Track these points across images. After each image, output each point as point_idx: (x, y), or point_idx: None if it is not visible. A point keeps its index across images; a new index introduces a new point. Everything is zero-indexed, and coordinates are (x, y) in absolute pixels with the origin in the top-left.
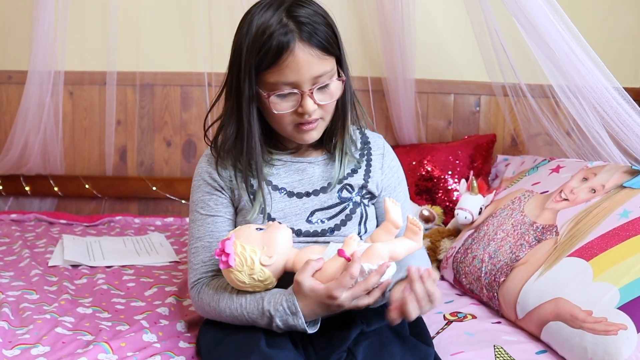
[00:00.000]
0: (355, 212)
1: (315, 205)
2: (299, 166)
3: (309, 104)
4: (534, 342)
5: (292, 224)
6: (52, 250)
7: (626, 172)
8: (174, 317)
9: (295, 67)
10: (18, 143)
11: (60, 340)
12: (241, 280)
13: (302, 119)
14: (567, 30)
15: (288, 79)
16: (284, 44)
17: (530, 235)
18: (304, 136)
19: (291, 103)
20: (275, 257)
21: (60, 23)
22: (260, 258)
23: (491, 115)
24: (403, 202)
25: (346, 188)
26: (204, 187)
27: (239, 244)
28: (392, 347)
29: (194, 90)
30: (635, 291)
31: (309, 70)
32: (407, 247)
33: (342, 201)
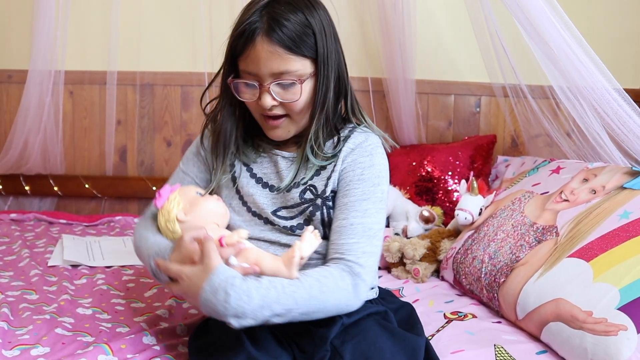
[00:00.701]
0: (315, 214)
1: (281, 202)
2: (276, 159)
3: (265, 98)
4: (535, 342)
5: (260, 212)
6: (51, 250)
7: (626, 173)
8: (173, 320)
9: (255, 59)
10: (18, 142)
11: (60, 341)
12: (159, 222)
13: (264, 111)
14: (568, 31)
15: (249, 69)
16: (248, 34)
17: (530, 236)
18: (270, 132)
19: (254, 92)
20: (190, 218)
21: (60, 22)
22: (178, 212)
23: (491, 116)
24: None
25: (310, 189)
26: (193, 147)
27: (176, 194)
28: (380, 342)
29: (194, 90)
30: (635, 292)
31: (267, 65)
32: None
33: (303, 202)
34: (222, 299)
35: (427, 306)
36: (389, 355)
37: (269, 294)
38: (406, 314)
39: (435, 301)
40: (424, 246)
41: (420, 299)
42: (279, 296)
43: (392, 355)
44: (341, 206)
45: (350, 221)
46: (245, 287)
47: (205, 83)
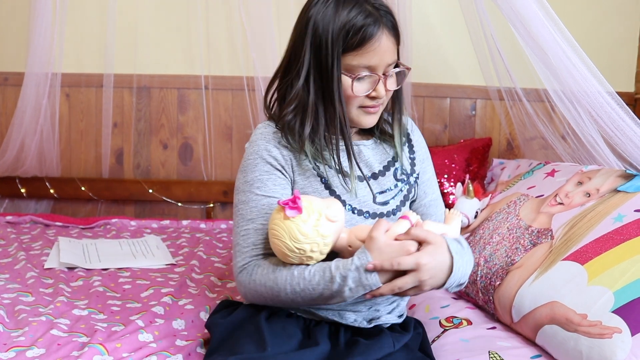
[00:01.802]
0: (412, 192)
1: (376, 188)
2: (355, 149)
3: (382, 88)
4: (529, 347)
5: (362, 205)
6: (47, 252)
7: (620, 176)
8: (169, 316)
9: (379, 51)
10: (14, 145)
11: (55, 342)
12: (304, 232)
13: (371, 102)
14: (562, 35)
15: (370, 63)
16: (373, 30)
17: (525, 239)
18: (367, 119)
19: (366, 86)
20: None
21: (57, 25)
22: (327, 213)
23: (487, 119)
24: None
25: (401, 169)
26: (262, 165)
27: (305, 199)
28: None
29: (190, 93)
30: (629, 295)
31: (388, 56)
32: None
33: (398, 182)
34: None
35: (423, 311)
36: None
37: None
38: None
39: (431, 306)
40: None
41: (416, 303)
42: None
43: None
44: (426, 182)
45: (437, 193)
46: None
47: (202, 86)
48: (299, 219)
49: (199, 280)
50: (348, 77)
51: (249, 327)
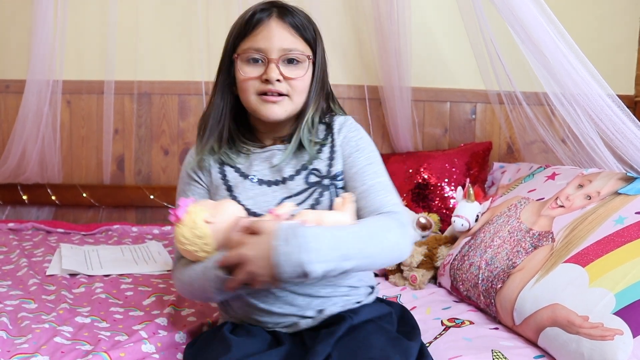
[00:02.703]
0: (324, 195)
1: (284, 193)
2: (267, 155)
3: (273, 70)
4: (532, 348)
5: (262, 211)
6: (49, 259)
7: (621, 179)
8: (172, 328)
9: (267, 34)
10: (16, 152)
11: (59, 349)
12: (183, 235)
13: (266, 86)
14: (562, 39)
15: (258, 45)
16: (261, 16)
17: (526, 242)
18: (267, 108)
19: (258, 69)
20: (218, 220)
21: (58, 32)
22: (205, 215)
23: (487, 123)
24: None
25: (313, 173)
26: (185, 178)
27: (192, 204)
28: (372, 339)
29: (191, 99)
30: (630, 297)
31: (279, 40)
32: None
33: (309, 186)
34: (297, 245)
35: (424, 313)
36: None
37: (337, 233)
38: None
39: (432, 308)
40: (421, 253)
41: (417, 306)
42: (347, 235)
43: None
44: (353, 176)
45: (369, 184)
46: (312, 230)
47: (202, 92)
48: (179, 225)
49: None
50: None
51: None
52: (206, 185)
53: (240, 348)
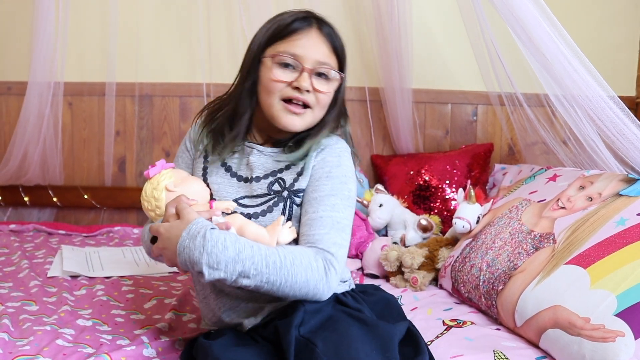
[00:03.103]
0: (278, 205)
1: (246, 191)
2: (249, 151)
3: (306, 79)
4: (534, 349)
5: (222, 199)
6: (51, 260)
7: (622, 181)
8: (173, 333)
9: (306, 43)
10: (17, 153)
11: (61, 352)
12: (145, 190)
13: (293, 93)
14: (563, 40)
15: (295, 51)
16: (302, 24)
17: (527, 244)
18: (289, 118)
19: (289, 74)
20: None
21: (60, 34)
22: (168, 183)
23: (488, 125)
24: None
25: (278, 182)
26: (182, 146)
27: (170, 169)
28: (351, 332)
29: (192, 101)
30: (632, 298)
31: (317, 51)
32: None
33: (269, 193)
34: (200, 244)
35: (425, 314)
36: (360, 344)
37: (244, 250)
38: (383, 304)
39: (433, 309)
40: (422, 255)
41: (418, 307)
42: (253, 255)
43: (362, 345)
44: (310, 200)
45: (320, 214)
46: (222, 237)
47: (203, 94)
48: (148, 181)
49: None
50: (270, 61)
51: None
52: (192, 158)
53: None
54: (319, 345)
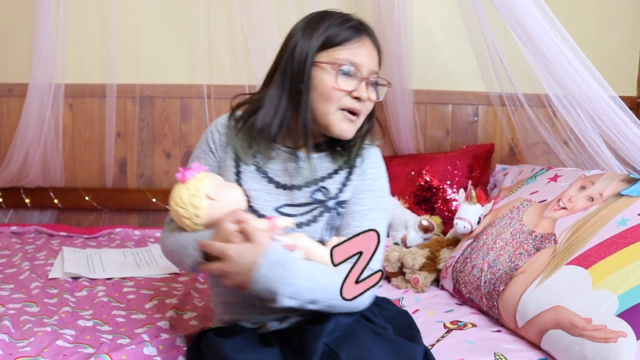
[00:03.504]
0: (323, 216)
1: (287, 199)
2: (288, 157)
3: (364, 89)
4: (535, 351)
5: (259, 207)
6: (52, 262)
7: (623, 181)
8: (174, 331)
9: (365, 51)
10: (18, 155)
11: (61, 352)
12: (181, 196)
13: (353, 103)
14: (564, 40)
15: (355, 60)
16: (358, 30)
17: (529, 244)
18: (347, 126)
19: (350, 83)
20: (220, 200)
21: (60, 36)
22: (209, 190)
23: (489, 125)
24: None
25: (321, 190)
26: (203, 145)
27: (204, 173)
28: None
29: (193, 102)
30: (634, 298)
31: (372, 61)
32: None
33: (313, 202)
34: (280, 275)
35: (427, 316)
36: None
37: (318, 279)
38: (404, 321)
39: (435, 311)
40: (424, 255)
41: (420, 308)
42: (326, 284)
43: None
44: (353, 214)
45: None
46: (300, 267)
47: (204, 95)
48: (182, 185)
49: (203, 291)
50: (332, 70)
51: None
52: (218, 161)
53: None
54: (343, 357)
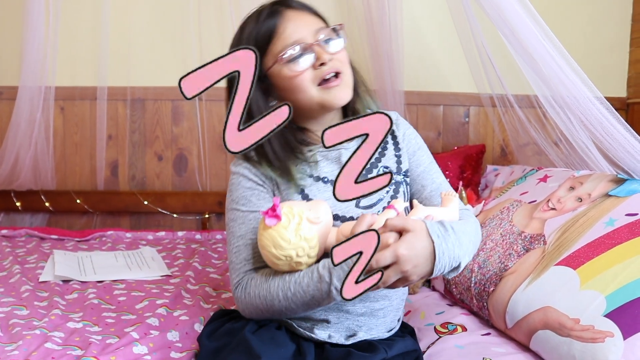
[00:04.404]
0: (399, 191)
1: None
2: (335, 154)
3: (322, 51)
4: (523, 353)
5: (341, 211)
6: (43, 265)
7: (611, 181)
8: (164, 327)
9: (293, 25)
10: (9, 159)
11: (49, 355)
12: (286, 238)
13: (322, 72)
14: (549, 41)
15: (292, 38)
16: (275, 14)
17: (518, 245)
18: (334, 95)
19: (304, 61)
20: (322, 220)
21: (50, 39)
22: (308, 215)
23: (480, 126)
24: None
25: (384, 170)
26: (244, 182)
27: (286, 205)
28: None
29: (184, 104)
30: (621, 299)
31: (307, 24)
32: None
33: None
34: (454, 241)
35: (418, 318)
36: None
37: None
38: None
39: (426, 312)
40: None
41: (412, 310)
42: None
43: None
44: (420, 174)
45: (438, 182)
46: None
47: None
48: (279, 226)
49: (194, 291)
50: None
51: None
52: (271, 190)
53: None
54: None
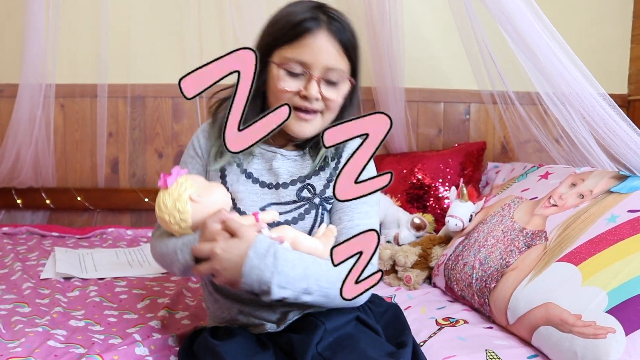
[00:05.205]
0: (310, 213)
1: (273, 198)
2: (271, 156)
3: (314, 88)
4: (526, 347)
5: (246, 208)
6: (44, 263)
7: (613, 178)
8: (166, 331)
9: (315, 48)
10: (9, 156)
11: (52, 353)
12: (164, 202)
13: (302, 102)
14: (553, 38)
15: (303, 58)
16: (310, 25)
17: (520, 241)
18: (299, 126)
19: (297, 83)
20: (204, 201)
21: (51, 36)
22: (192, 192)
23: (481, 123)
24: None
25: (307, 188)
26: (190, 150)
27: (185, 176)
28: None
29: (185, 101)
30: (623, 295)
31: (325, 57)
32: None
33: (299, 199)
34: (271, 264)
35: (419, 313)
36: None
37: (310, 267)
38: (392, 316)
39: (427, 308)
40: (416, 253)
41: (412, 306)
42: (317, 271)
43: None
44: (343, 208)
45: (356, 222)
46: (290, 255)
47: None
48: (165, 191)
49: (195, 290)
50: (278, 70)
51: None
52: (204, 165)
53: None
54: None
